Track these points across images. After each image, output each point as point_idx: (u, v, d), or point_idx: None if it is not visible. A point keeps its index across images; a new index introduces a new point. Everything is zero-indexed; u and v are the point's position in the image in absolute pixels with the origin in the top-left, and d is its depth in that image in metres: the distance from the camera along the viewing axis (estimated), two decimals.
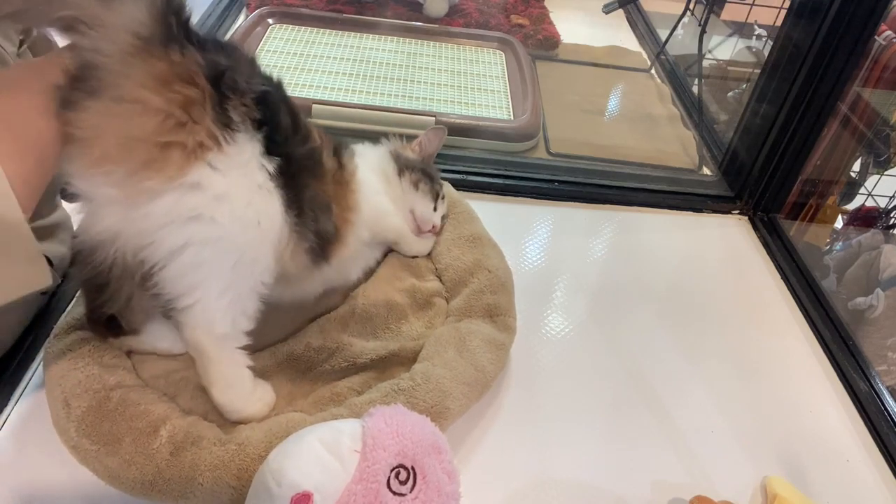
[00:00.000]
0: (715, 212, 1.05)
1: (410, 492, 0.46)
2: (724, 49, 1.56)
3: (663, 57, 1.53)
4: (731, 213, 1.05)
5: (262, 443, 0.55)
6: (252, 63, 0.53)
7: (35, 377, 0.64)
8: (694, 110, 1.33)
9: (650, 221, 1.01)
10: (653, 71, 1.52)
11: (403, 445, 0.48)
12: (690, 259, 0.95)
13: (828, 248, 1.32)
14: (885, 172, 1.26)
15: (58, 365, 0.60)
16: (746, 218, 1.05)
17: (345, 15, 1.45)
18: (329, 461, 0.46)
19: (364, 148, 0.79)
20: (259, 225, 0.52)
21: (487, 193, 0.99)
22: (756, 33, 1.52)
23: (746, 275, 0.94)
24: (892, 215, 1.30)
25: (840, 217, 1.32)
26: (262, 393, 0.61)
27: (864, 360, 0.79)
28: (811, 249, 1.28)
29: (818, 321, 0.85)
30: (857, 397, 0.76)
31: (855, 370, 0.78)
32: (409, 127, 1.09)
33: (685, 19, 1.46)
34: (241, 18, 1.45)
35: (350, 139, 0.78)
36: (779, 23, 1.03)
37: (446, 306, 0.76)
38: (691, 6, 1.45)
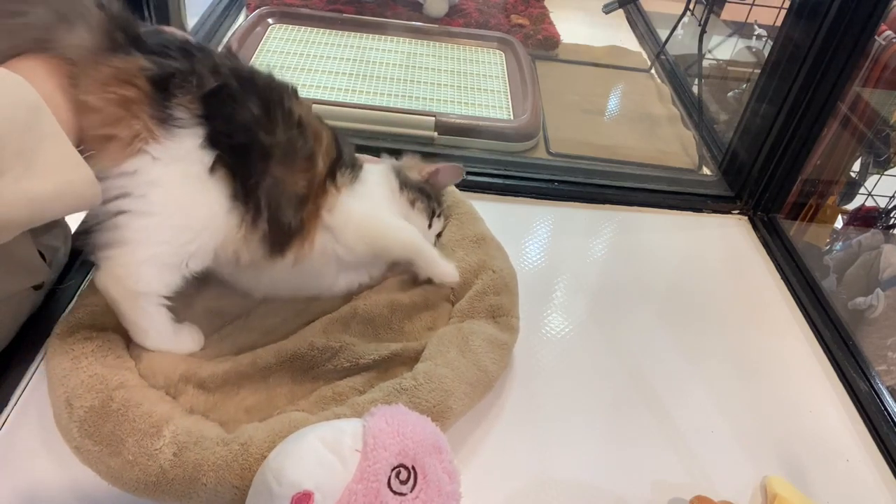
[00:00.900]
0: (715, 212, 1.05)
1: (411, 491, 0.46)
2: (724, 49, 1.56)
3: (663, 57, 1.53)
4: (731, 213, 1.05)
5: (266, 442, 0.55)
6: (214, 63, 0.59)
7: (35, 377, 0.64)
8: (694, 110, 1.33)
9: (650, 221, 1.01)
10: (653, 71, 1.52)
11: (404, 445, 0.48)
12: (690, 259, 0.95)
13: (828, 248, 1.32)
14: (885, 172, 1.26)
15: (61, 364, 0.60)
16: (746, 218, 1.05)
17: (345, 15, 1.45)
18: (330, 460, 0.46)
19: (377, 164, 0.81)
20: (191, 211, 0.58)
21: (487, 193, 0.99)
22: (756, 33, 1.52)
23: (746, 275, 0.94)
24: (892, 215, 1.31)
25: (840, 217, 1.32)
26: (186, 338, 0.66)
27: (864, 360, 0.80)
28: (811, 249, 1.28)
29: (818, 321, 0.85)
30: (857, 397, 0.76)
31: (855, 370, 0.78)
32: (408, 127, 1.09)
33: (685, 19, 1.46)
34: (241, 18, 1.45)
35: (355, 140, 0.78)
36: (779, 23, 1.03)
37: (451, 308, 0.75)
38: (691, 6, 1.45)
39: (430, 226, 0.78)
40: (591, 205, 1.01)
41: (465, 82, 1.30)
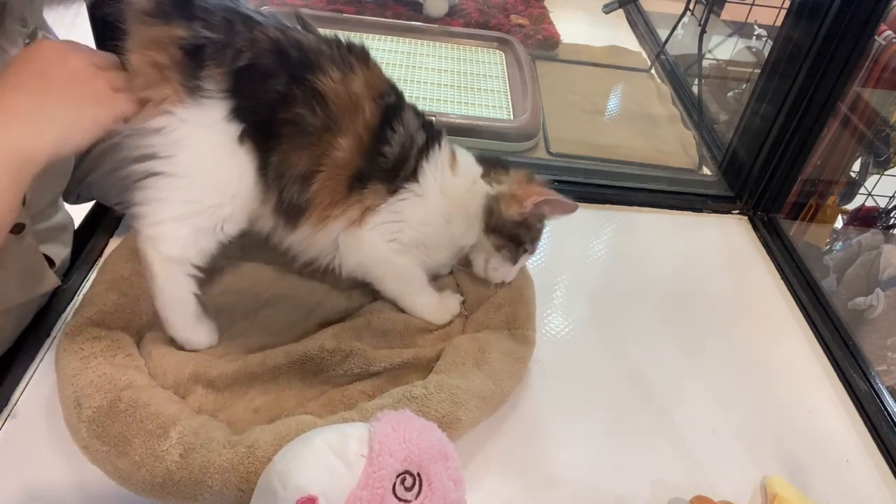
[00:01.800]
0: (715, 212, 1.05)
1: (416, 498, 0.46)
2: (724, 49, 1.56)
3: (663, 57, 1.53)
4: (731, 213, 1.06)
5: (272, 445, 0.55)
6: (253, 37, 0.59)
7: (36, 375, 0.64)
8: (694, 110, 1.33)
9: (650, 221, 1.01)
10: (653, 71, 1.53)
11: (410, 451, 0.48)
12: (690, 259, 0.95)
13: (828, 248, 1.32)
14: (885, 172, 1.27)
15: (70, 364, 0.60)
16: (746, 218, 1.05)
17: (345, 15, 1.45)
18: (335, 465, 0.46)
19: (465, 165, 0.73)
20: (219, 175, 0.60)
21: None
22: (756, 33, 1.52)
23: (746, 275, 0.94)
24: (892, 215, 1.31)
25: (840, 217, 1.32)
26: (204, 331, 0.67)
27: (863, 360, 0.80)
28: (811, 249, 1.28)
29: (818, 321, 0.85)
30: (857, 397, 0.76)
31: (855, 370, 0.79)
32: None
33: (685, 19, 1.46)
34: None
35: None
36: (779, 23, 1.03)
37: (464, 321, 0.75)
38: (691, 6, 1.45)
39: (514, 263, 0.73)
40: (591, 205, 1.01)
41: (464, 82, 1.30)
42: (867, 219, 1.32)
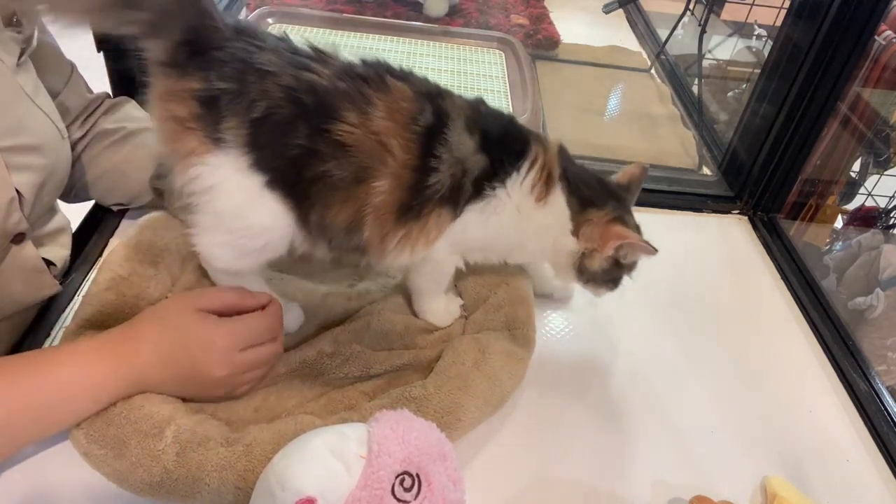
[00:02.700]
0: (715, 212, 1.05)
1: (415, 499, 0.46)
2: (724, 49, 1.57)
3: (663, 57, 1.53)
4: (731, 213, 1.05)
5: (270, 444, 0.55)
6: (267, 86, 0.55)
7: None
8: (694, 110, 1.33)
9: (650, 221, 1.00)
10: (653, 71, 1.53)
11: (409, 452, 0.47)
12: (690, 259, 0.95)
13: (828, 248, 1.32)
14: (885, 172, 1.27)
15: None
16: (746, 218, 1.05)
17: (345, 15, 1.45)
18: (334, 466, 0.46)
19: (555, 204, 0.66)
20: (250, 215, 0.60)
21: None
22: (756, 33, 1.52)
23: (746, 275, 0.94)
24: (892, 215, 1.31)
25: (840, 217, 1.32)
26: (292, 318, 0.70)
27: (863, 360, 0.80)
28: (811, 249, 1.28)
29: (818, 321, 0.85)
30: (857, 397, 0.76)
31: (855, 370, 0.79)
32: None
33: (685, 19, 1.46)
34: (241, 18, 1.45)
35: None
36: (779, 23, 1.03)
37: (464, 322, 0.75)
38: (691, 6, 1.45)
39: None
40: None
41: (464, 82, 1.30)
42: (867, 219, 1.32)
